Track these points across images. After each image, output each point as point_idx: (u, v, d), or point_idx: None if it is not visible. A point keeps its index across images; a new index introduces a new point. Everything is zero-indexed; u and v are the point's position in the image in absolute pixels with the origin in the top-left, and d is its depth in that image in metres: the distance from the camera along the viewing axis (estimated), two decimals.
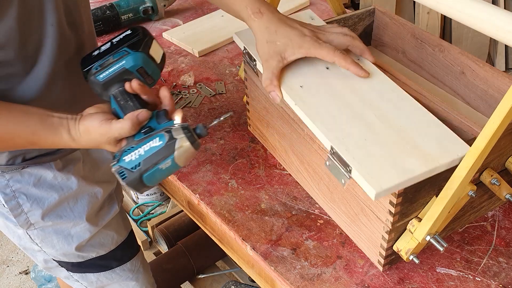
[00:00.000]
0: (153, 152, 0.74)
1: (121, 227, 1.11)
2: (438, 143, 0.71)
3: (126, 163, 0.75)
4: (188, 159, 0.76)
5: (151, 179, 0.76)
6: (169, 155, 0.74)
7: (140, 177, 0.75)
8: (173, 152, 0.74)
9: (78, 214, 0.99)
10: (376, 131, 0.73)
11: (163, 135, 0.74)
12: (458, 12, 0.66)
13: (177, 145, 0.73)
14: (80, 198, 0.99)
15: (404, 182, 0.67)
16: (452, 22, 2.69)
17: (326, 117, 0.76)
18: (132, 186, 0.76)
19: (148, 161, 0.74)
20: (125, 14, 1.45)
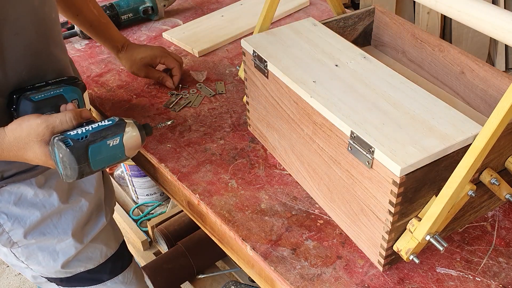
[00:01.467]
0: (103, 128, 0.74)
1: (111, 239, 1.09)
2: (452, 124, 0.74)
3: (72, 135, 0.73)
4: (133, 147, 0.77)
5: (96, 154, 0.73)
6: (118, 133, 0.75)
7: (86, 147, 0.72)
8: (123, 131, 0.75)
9: (63, 230, 0.97)
10: (392, 116, 0.76)
11: (113, 118, 0.76)
12: (458, 11, 0.66)
13: (127, 127, 0.75)
14: (64, 214, 0.97)
15: (426, 158, 0.69)
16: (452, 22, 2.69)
17: (342, 106, 0.78)
18: (75, 155, 0.72)
19: (96, 134, 0.73)
20: (125, 14, 1.45)
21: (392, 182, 0.70)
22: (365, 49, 1.08)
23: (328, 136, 0.80)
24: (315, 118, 0.82)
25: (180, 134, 1.09)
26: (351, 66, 0.87)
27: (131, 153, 0.79)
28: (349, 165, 0.78)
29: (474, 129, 0.72)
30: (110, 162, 0.76)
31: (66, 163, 0.72)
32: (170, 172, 1.00)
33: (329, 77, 0.84)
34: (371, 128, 0.74)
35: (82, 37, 1.43)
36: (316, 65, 0.87)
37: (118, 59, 1.23)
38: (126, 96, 1.21)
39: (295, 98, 0.86)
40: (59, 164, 0.74)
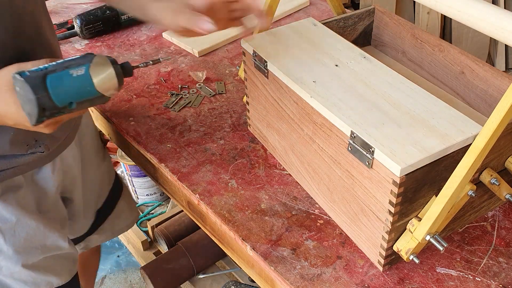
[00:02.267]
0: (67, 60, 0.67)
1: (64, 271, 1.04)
2: (452, 124, 0.74)
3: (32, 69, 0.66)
4: (105, 81, 0.68)
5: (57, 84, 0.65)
6: (84, 63, 0.67)
7: (43, 76, 0.65)
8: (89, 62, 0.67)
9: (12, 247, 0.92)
10: (392, 116, 0.76)
11: (84, 53, 0.69)
12: (458, 11, 0.66)
13: (95, 58, 0.68)
14: (18, 229, 0.92)
15: (426, 158, 0.69)
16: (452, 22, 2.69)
17: (343, 106, 0.78)
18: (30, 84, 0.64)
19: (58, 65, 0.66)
20: (125, 14, 1.45)
21: (392, 182, 0.70)
22: (365, 49, 1.08)
23: (328, 136, 0.80)
24: (315, 118, 0.82)
25: (180, 134, 1.09)
26: (351, 66, 0.87)
27: (105, 89, 0.69)
28: (349, 165, 0.78)
29: (474, 129, 0.72)
30: (77, 97, 0.68)
31: (23, 96, 0.65)
32: (170, 172, 1.00)
33: (329, 77, 0.84)
34: (371, 128, 0.74)
35: (82, 37, 1.43)
36: (316, 65, 0.87)
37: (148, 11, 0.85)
38: (126, 96, 1.21)
39: (295, 98, 0.86)
40: (21, 102, 0.66)
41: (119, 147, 1.24)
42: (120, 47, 1.40)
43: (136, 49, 1.39)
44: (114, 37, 1.44)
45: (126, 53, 1.37)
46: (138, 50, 1.38)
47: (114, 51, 1.38)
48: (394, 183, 0.70)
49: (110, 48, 1.40)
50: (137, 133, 1.10)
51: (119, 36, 1.45)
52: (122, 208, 1.30)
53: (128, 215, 1.34)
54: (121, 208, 1.30)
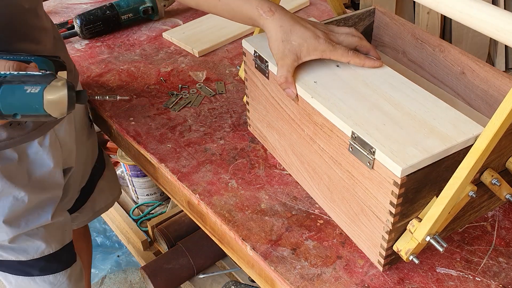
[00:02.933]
0: (27, 74, 0.71)
1: (53, 239, 1.07)
2: (453, 125, 0.74)
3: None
4: (55, 104, 0.72)
5: (8, 95, 0.70)
6: (41, 83, 0.70)
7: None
8: (47, 83, 0.71)
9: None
10: (393, 117, 0.76)
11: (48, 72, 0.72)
12: (459, 12, 0.66)
13: (54, 81, 0.71)
14: (2, 199, 0.95)
15: (427, 159, 0.69)
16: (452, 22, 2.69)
17: (343, 107, 0.78)
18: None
19: (16, 78, 0.70)
20: (125, 14, 1.45)
21: (393, 182, 0.70)
22: None
23: (329, 136, 0.80)
24: (316, 118, 0.82)
25: (180, 134, 1.09)
26: (352, 67, 0.87)
27: (52, 111, 0.73)
28: (349, 165, 0.78)
29: (475, 130, 0.72)
30: (23, 111, 0.72)
31: None
32: (170, 172, 1.00)
33: (330, 78, 0.84)
34: (372, 128, 0.74)
35: (82, 37, 1.43)
36: (317, 66, 0.87)
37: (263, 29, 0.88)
38: (126, 96, 1.21)
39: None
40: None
41: (119, 147, 1.24)
42: (120, 47, 1.40)
43: (136, 49, 1.39)
44: (114, 37, 1.44)
45: (126, 53, 1.37)
46: (138, 50, 1.38)
47: (114, 51, 1.38)
48: (395, 184, 0.70)
49: (110, 48, 1.40)
50: (137, 133, 1.10)
51: (119, 36, 1.45)
52: (103, 187, 1.31)
53: (108, 194, 1.34)
54: (101, 187, 1.30)
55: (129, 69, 1.31)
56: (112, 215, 1.99)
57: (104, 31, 1.44)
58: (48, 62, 0.82)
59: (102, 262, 2.01)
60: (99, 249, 2.05)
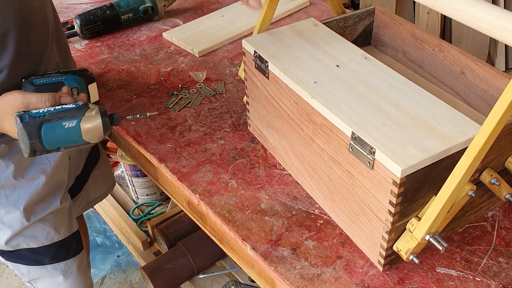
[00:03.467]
0: (63, 110, 0.77)
1: (62, 226, 1.10)
2: (452, 125, 0.74)
3: (32, 113, 0.77)
4: (92, 133, 0.78)
5: (49, 133, 0.76)
6: (77, 116, 0.77)
7: (39, 125, 0.76)
8: (82, 115, 0.77)
9: (13, 203, 1.00)
10: (393, 117, 0.76)
11: (79, 103, 0.79)
12: (456, 10, 0.66)
13: (88, 112, 0.78)
14: (18, 187, 0.99)
15: (427, 159, 0.69)
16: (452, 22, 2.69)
17: (343, 107, 0.78)
18: (27, 131, 0.76)
19: (54, 115, 0.77)
20: (125, 14, 1.45)
21: (392, 182, 0.70)
22: (365, 49, 1.08)
23: (329, 136, 0.80)
24: (316, 118, 0.82)
25: (180, 134, 1.09)
26: (352, 67, 0.87)
27: (91, 138, 0.80)
28: (349, 165, 0.78)
29: (475, 130, 0.73)
30: (65, 144, 0.78)
31: (20, 137, 0.77)
32: (170, 172, 1.00)
33: (330, 78, 0.84)
34: (372, 128, 0.74)
35: (82, 37, 1.43)
36: (317, 66, 0.87)
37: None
38: (126, 96, 1.21)
39: (295, 98, 0.86)
40: (19, 139, 0.78)
41: (119, 147, 1.24)
42: (120, 47, 1.40)
43: (136, 49, 1.39)
44: (114, 37, 1.44)
45: (126, 53, 1.37)
46: (138, 50, 1.38)
47: (114, 51, 1.38)
48: (394, 183, 0.70)
49: (110, 48, 1.40)
50: (137, 133, 1.10)
51: (119, 36, 1.45)
52: (97, 177, 1.32)
53: (101, 184, 1.35)
54: (95, 176, 1.31)
55: (129, 69, 1.31)
56: (112, 215, 1.99)
57: (104, 31, 1.44)
58: (78, 79, 0.89)
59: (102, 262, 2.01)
60: (99, 249, 2.05)
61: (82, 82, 0.90)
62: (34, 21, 0.88)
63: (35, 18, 0.89)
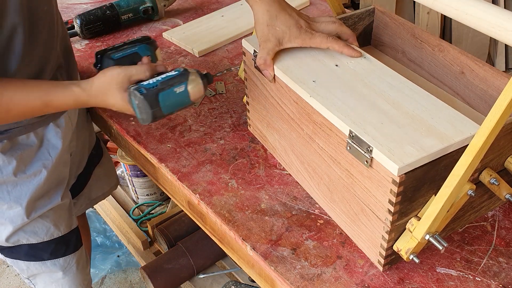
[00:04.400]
0: (169, 78, 0.86)
1: (62, 222, 1.11)
2: (450, 124, 0.74)
3: (144, 84, 0.85)
4: (197, 93, 0.88)
5: (166, 100, 0.85)
6: (183, 81, 0.86)
7: (156, 94, 0.84)
8: (187, 79, 0.86)
9: (15, 198, 1.01)
10: (391, 116, 0.76)
11: (178, 69, 0.88)
12: (455, 10, 0.66)
13: (190, 76, 0.87)
14: (21, 184, 1.00)
15: (424, 158, 0.69)
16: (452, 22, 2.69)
17: (342, 106, 0.78)
18: (148, 101, 0.84)
19: (164, 83, 0.85)
20: (125, 14, 1.45)
21: (391, 181, 0.70)
22: (365, 49, 1.08)
23: (328, 135, 0.80)
24: (315, 117, 0.82)
25: (180, 134, 1.09)
26: (351, 66, 0.87)
27: (196, 98, 0.89)
28: (348, 164, 0.78)
29: (473, 129, 0.73)
30: (178, 107, 0.88)
31: (142, 108, 0.85)
32: (170, 172, 1.00)
33: (329, 77, 0.85)
34: (370, 127, 0.74)
35: (82, 37, 1.43)
36: (317, 65, 0.87)
37: None
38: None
39: (295, 98, 0.86)
40: (136, 109, 0.86)
41: (119, 147, 1.24)
42: None
43: None
44: (114, 37, 1.44)
45: None
46: None
47: None
48: (393, 182, 0.70)
49: None
50: (137, 133, 1.10)
51: (119, 36, 1.45)
52: (99, 175, 1.32)
53: (104, 182, 1.36)
54: (98, 174, 1.31)
55: None
56: (112, 215, 1.99)
57: (104, 31, 1.44)
58: (148, 47, 1.00)
59: (102, 262, 2.01)
60: (99, 249, 2.05)
61: (152, 49, 1.01)
62: (41, 25, 0.89)
63: (42, 21, 0.90)
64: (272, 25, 0.87)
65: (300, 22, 0.88)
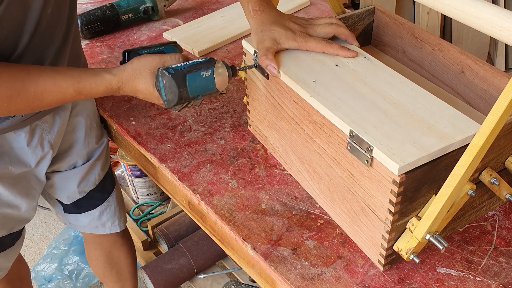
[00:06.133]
0: (197, 62, 0.89)
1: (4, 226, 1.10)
2: (451, 123, 0.74)
3: (173, 66, 0.88)
4: (221, 81, 0.90)
5: (192, 81, 0.87)
6: (210, 67, 0.89)
7: (184, 75, 0.87)
8: (213, 66, 0.89)
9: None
10: (391, 116, 0.76)
11: (206, 58, 0.91)
12: (455, 10, 0.66)
13: (217, 63, 0.89)
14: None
15: (424, 157, 0.69)
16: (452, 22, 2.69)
17: (342, 105, 0.78)
18: (175, 81, 0.86)
19: (192, 66, 0.88)
20: (125, 14, 1.45)
21: (392, 181, 0.70)
22: (365, 49, 1.08)
23: (328, 135, 0.80)
24: (315, 117, 0.82)
25: (181, 134, 1.09)
26: (351, 66, 0.87)
27: (220, 86, 0.91)
28: (349, 164, 0.78)
29: (473, 128, 0.73)
30: (203, 91, 0.90)
31: (168, 88, 0.87)
32: (171, 172, 1.00)
33: (329, 77, 0.84)
34: (370, 127, 0.74)
35: (82, 37, 1.43)
36: (317, 65, 0.87)
37: None
38: (126, 96, 1.21)
39: (295, 98, 0.86)
40: (163, 90, 0.88)
41: (119, 147, 1.24)
42: (121, 47, 1.40)
43: None
44: (115, 37, 1.44)
45: None
46: None
47: (115, 51, 1.38)
48: (394, 182, 0.70)
49: (110, 48, 1.40)
50: (138, 133, 1.10)
51: (119, 36, 1.45)
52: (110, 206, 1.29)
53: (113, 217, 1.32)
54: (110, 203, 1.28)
55: None
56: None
57: (104, 31, 1.44)
58: (175, 49, 1.04)
59: None
60: None
61: (177, 51, 1.05)
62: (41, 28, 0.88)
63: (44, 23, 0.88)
64: (266, 30, 0.91)
65: (295, 26, 0.92)
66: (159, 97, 0.89)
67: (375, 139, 0.72)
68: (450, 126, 0.73)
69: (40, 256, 1.98)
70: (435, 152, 0.70)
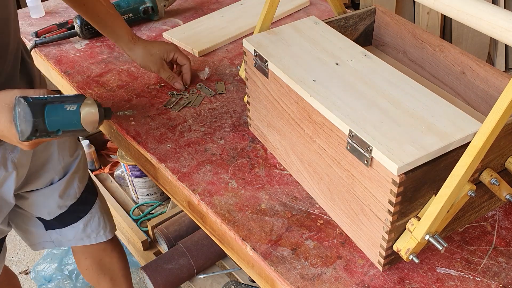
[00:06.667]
0: (63, 96, 0.83)
1: None
2: (451, 122, 0.73)
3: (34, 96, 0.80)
4: (89, 119, 0.84)
5: (52, 113, 0.80)
6: (77, 102, 0.83)
7: (43, 104, 0.80)
8: (81, 102, 0.83)
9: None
10: (391, 115, 0.76)
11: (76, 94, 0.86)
12: (456, 10, 0.66)
13: (86, 100, 0.84)
14: None
15: (424, 157, 0.69)
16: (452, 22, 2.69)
17: (342, 105, 0.78)
18: (31, 109, 0.78)
19: (55, 98, 0.82)
20: (125, 14, 1.45)
21: (391, 181, 0.70)
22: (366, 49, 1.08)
23: (328, 135, 0.80)
24: (315, 117, 0.82)
25: (180, 134, 1.09)
26: (351, 65, 0.87)
27: (88, 126, 0.85)
28: (348, 164, 0.78)
29: (473, 126, 0.72)
30: (66, 127, 0.83)
31: (22, 116, 0.79)
32: (170, 172, 1.00)
33: (329, 76, 0.84)
34: (370, 126, 0.74)
35: (82, 37, 1.43)
36: (317, 64, 0.87)
37: (129, 51, 1.20)
38: (126, 96, 1.21)
39: (295, 97, 0.86)
40: (17, 121, 0.79)
41: (119, 147, 1.24)
42: None
43: None
44: None
45: None
46: None
47: (114, 51, 1.38)
48: (393, 183, 0.70)
49: (110, 48, 1.40)
50: (137, 133, 1.10)
51: None
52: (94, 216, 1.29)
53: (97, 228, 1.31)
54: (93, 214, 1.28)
55: (129, 69, 1.31)
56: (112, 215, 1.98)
57: None
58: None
59: None
60: None
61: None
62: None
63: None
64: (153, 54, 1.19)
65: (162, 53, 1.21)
66: (16, 133, 0.80)
67: (374, 139, 0.71)
68: (450, 124, 0.73)
69: (40, 256, 1.98)
70: (434, 152, 0.70)
